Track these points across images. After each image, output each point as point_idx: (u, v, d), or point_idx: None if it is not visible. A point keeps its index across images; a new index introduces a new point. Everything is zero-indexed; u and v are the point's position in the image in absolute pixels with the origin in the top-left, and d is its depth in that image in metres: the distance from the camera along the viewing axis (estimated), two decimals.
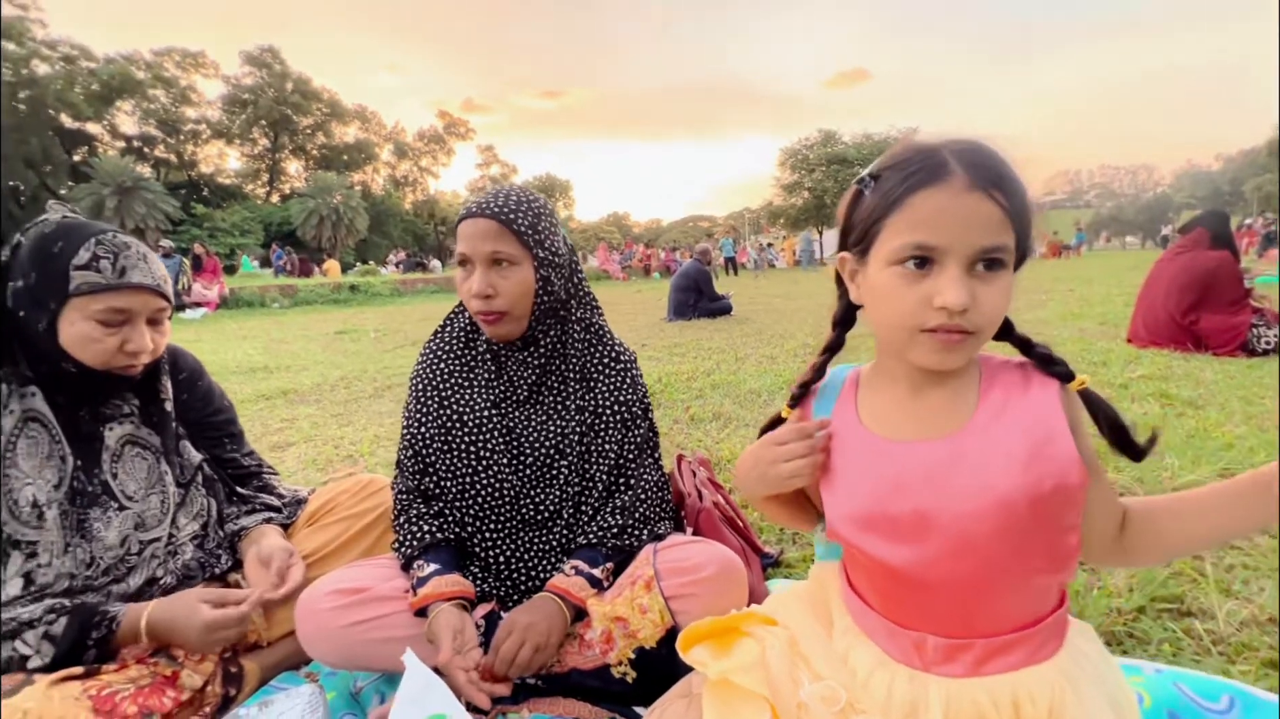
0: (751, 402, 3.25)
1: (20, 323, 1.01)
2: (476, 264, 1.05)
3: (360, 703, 1.07)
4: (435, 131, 52.25)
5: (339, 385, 4.30)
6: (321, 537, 1.30)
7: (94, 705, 0.88)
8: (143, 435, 1.16)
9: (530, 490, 1.13)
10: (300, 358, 5.66)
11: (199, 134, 40.37)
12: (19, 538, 0.97)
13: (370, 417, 3.40)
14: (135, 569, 1.09)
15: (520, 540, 1.13)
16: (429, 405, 1.16)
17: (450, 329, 1.21)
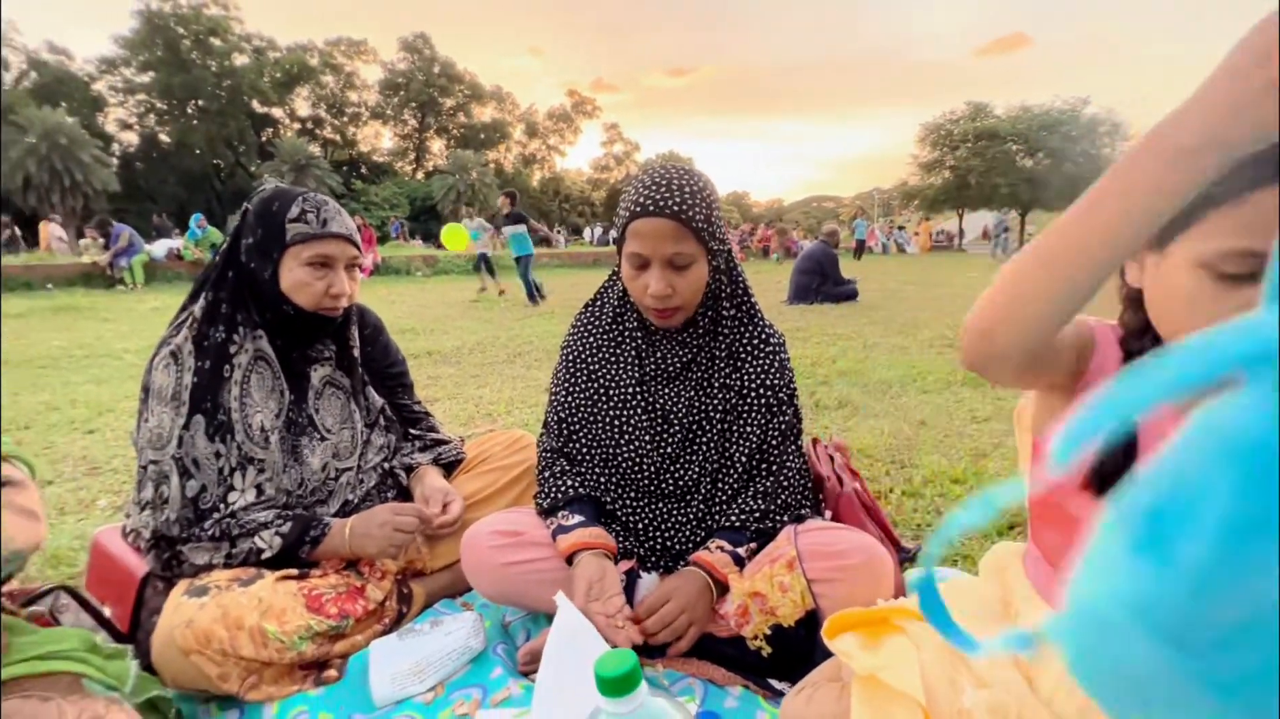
0: (881, 392, 3.10)
1: (251, 274, 1.18)
2: (653, 265, 1.04)
3: (510, 635, 1.18)
4: (564, 110, 53.87)
5: (475, 349, 4.64)
6: (476, 483, 1.42)
7: (306, 602, 1.04)
8: (337, 378, 1.33)
9: (670, 465, 1.15)
10: (441, 322, 6.15)
11: (359, 116, 44.62)
12: (252, 455, 1.15)
13: (504, 380, 3.64)
14: (334, 494, 1.26)
15: (658, 510, 1.17)
16: (577, 377, 1.21)
17: (600, 304, 1.24)
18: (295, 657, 1.00)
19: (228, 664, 0.95)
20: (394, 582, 1.23)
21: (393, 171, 44.58)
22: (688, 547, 1.15)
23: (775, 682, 1.03)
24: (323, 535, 1.15)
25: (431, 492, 1.30)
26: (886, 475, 2.03)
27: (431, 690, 1.01)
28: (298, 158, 31.77)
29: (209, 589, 1.00)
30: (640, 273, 1.06)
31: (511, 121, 50.60)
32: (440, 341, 4.90)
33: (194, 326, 1.15)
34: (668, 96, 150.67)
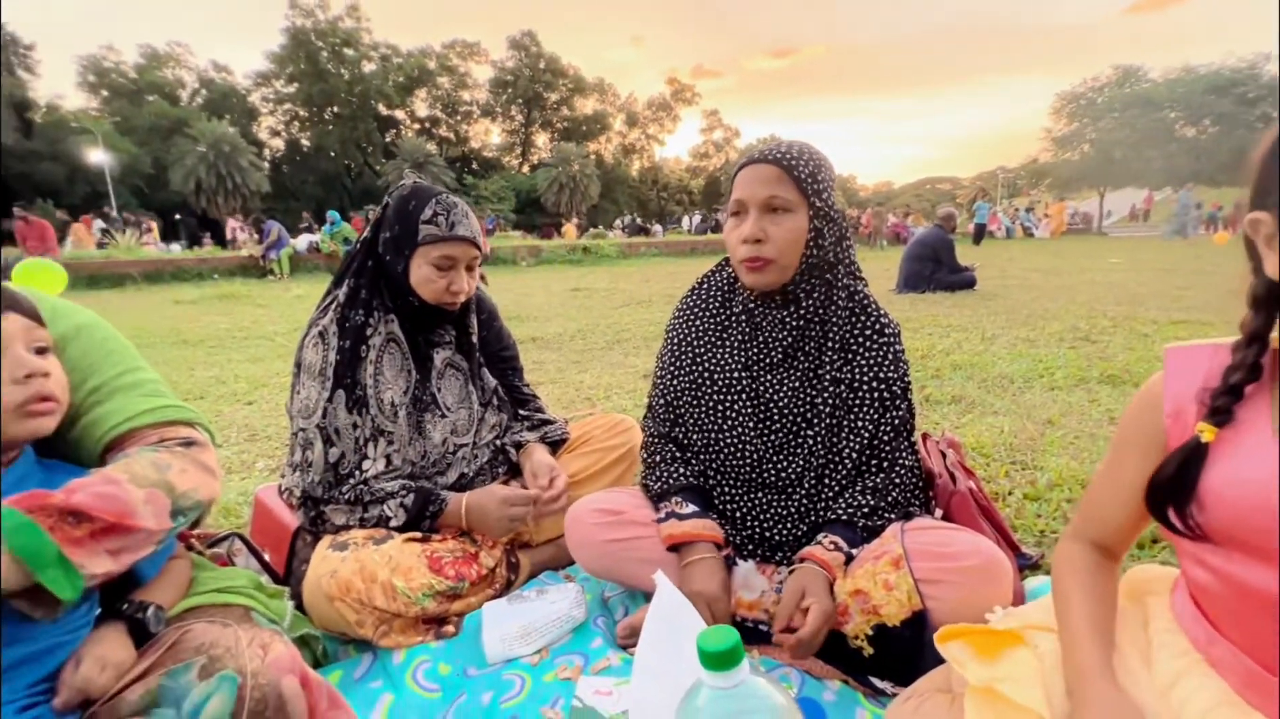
0: (1002, 387, 2.87)
1: (386, 265, 1.30)
2: (751, 209, 1.05)
3: (609, 609, 1.22)
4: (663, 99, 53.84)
5: (576, 336, 4.80)
6: (579, 463, 1.48)
7: (428, 564, 1.15)
8: (457, 360, 1.44)
9: (774, 455, 1.14)
10: (544, 310, 6.41)
11: (471, 114, 47.13)
12: (383, 428, 1.27)
13: (603, 366, 3.74)
14: (452, 466, 1.36)
15: (759, 501, 1.16)
16: (681, 360, 1.21)
17: (706, 286, 1.24)
18: (419, 611, 1.10)
19: (364, 612, 1.06)
20: (504, 551, 1.31)
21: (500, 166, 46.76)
22: (787, 539, 1.14)
23: (877, 680, 1.00)
24: (440, 510, 1.25)
25: (539, 467, 1.38)
26: (1005, 477, 1.89)
27: (537, 653, 1.08)
28: (417, 156, 34.11)
29: (349, 545, 1.12)
30: (738, 223, 1.07)
31: (612, 112, 51.34)
32: (543, 328, 5.11)
33: (337, 310, 1.29)
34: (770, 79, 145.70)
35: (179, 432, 0.86)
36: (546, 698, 0.97)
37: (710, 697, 0.53)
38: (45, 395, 0.74)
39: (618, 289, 8.50)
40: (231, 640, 0.76)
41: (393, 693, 0.99)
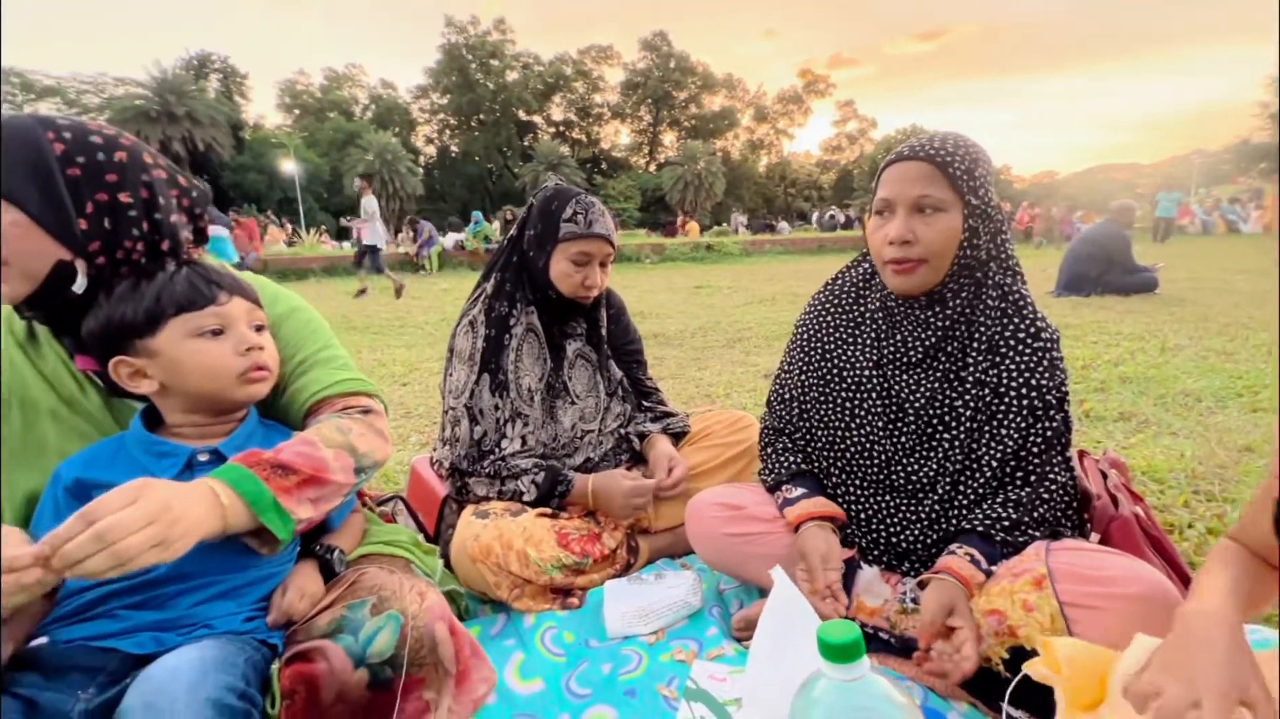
0: (1185, 406, 2.49)
1: (529, 260, 1.41)
2: (899, 208, 1.00)
3: (724, 602, 1.24)
4: (794, 92, 52.23)
5: (697, 333, 4.83)
6: (699, 456, 1.51)
7: (557, 538, 1.23)
8: (586, 351, 1.52)
9: (904, 458, 1.09)
10: (666, 307, 6.51)
11: (602, 116, 48.77)
12: (520, 411, 1.39)
13: (724, 364, 3.74)
14: (579, 450, 1.45)
15: (886, 504, 1.12)
16: (810, 356, 1.19)
17: (841, 282, 1.20)
18: (548, 580, 1.19)
19: (501, 575, 1.17)
20: (624, 534, 1.38)
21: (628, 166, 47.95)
22: (915, 546, 1.09)
23: (1012, 709, 0.93)
24: (568, 490, 1.33)
25: (660, 457, 1.43)
26: (1184, 507, 1.65)
27: (654, 634, 1.12)
28: (551, 159, 35.96)
29: (489, 514, 1.24)
30: (884, 222, 1.02)
31: (740, 108, 50.71)
32: (665, 325, 5.20)
33: (485, 301, 1.42)
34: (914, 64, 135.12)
35: (360, 401, 1.00)
36: (662, 677, 1.01)
37: (829, 688, 0.53)
38: (260, 365, 0.89)
39: (740, 287, 8.41)
40: (396, 585, 0.88)
41: (523, 652, 1.09)
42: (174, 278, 0.83)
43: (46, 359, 0.87)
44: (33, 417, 0.84)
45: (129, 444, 0.84)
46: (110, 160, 0.81)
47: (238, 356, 0.85)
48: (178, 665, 0.64)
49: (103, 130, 0.84)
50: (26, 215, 0.75)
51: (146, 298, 0.81)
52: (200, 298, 0.83)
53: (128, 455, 0.82)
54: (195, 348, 0.83)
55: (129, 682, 0.68)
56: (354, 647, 0.80)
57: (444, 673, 0.87)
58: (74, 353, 0.86)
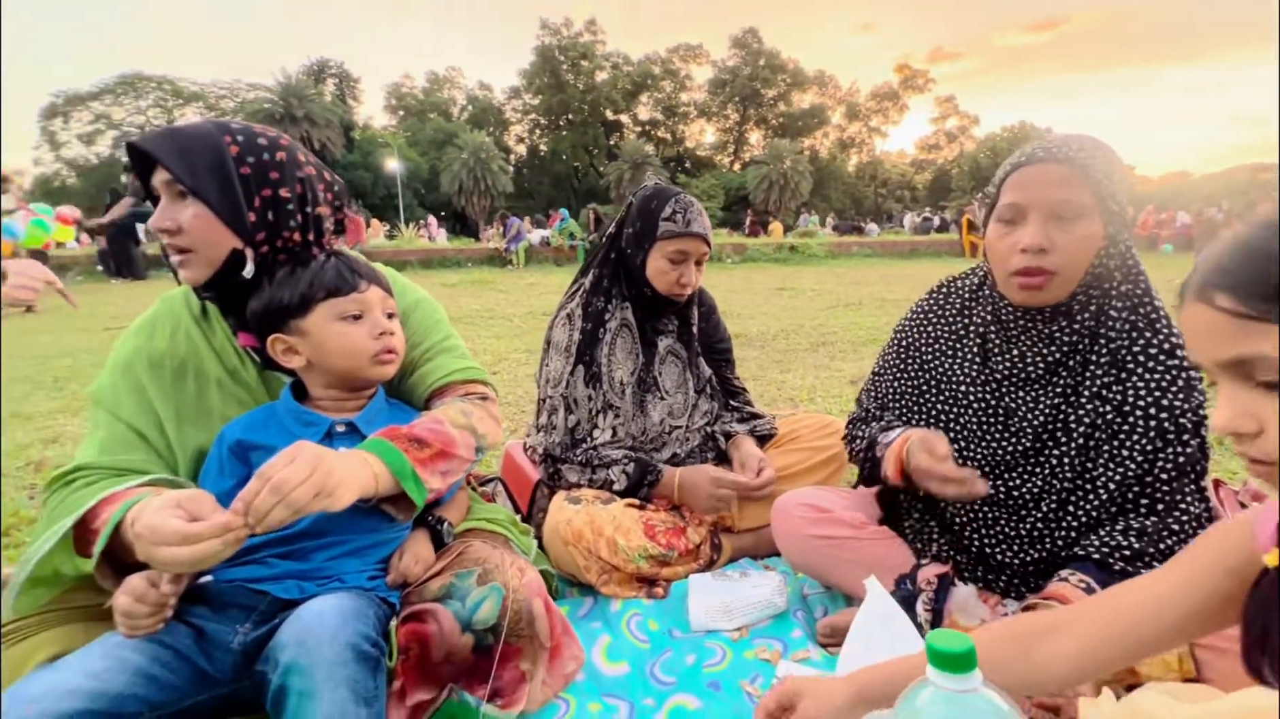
0: None
1: (627, 258, 1.45)
2: (1031, 214, 0.92)
3: (808, 606, 1.23)
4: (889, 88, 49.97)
5: (779, 336, 4.75)
6: (787, 459, 1.50)
7: (644, 529, 1.27)
8: (677, 348, 1.55)
9: (1007, 474, 1.04)
10: (748, 308, 6.43)
11: (688, 115, 48.65)
12: (611, 402, 1.43)
13: (807, 368, 3.66)
14: (666, 445, 1.48)
15: (983, 516, 1.07)
16: (907, 364, 1.16)
17: (948, 290, 1.16)
18: (634, 569, 1.22)
19: (591, 560, 1.22)
20: (709, 530, 1.39)
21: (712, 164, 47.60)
22: (1015, 564, 1.04)
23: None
24: (656, 481, 1.36)
25: (747, 458, 1.43)
26: None
27: (737, 630, 1.13)
28: (636, 157, 36.25)
29: (581, 501, 1.29)
30: (1010, 230, 0.94)
31: (831, 105, 49.10)
32: (746, 326, 5.15)
33: (583, 295, 1.47)
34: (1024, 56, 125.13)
35: (478, 388, 1.07)
36: (746, 673, 1.02)
37: (936, 698, 0.53)
38: (390, 349, 0.98)
39: (825, 290, 8.18)
40: (499, 560, 0.94)
41: (610, 635, 1.12)
42: (324, 266, 0.92)
43: (215, 334, 0.99)
44: (203, 384, 0.96)
45: (280, 412, 0.94)
46: (273, 160, 0.92)
47: (372, 339, 0.94)
48: (323, 610, 0.72)
49: (266, 133, 0.95)
50: (209, 209, 0.86)
51: (301, 283, 0.90)
52: (345, 285, 0.92)
53: (279, 422, 0.93)
54: (338, 329, 0.92)
55: (277, 621, 0.77)
56: (461, 612, 0.86)
57: (539, 646, 0.93)
58: (237, 330, 0.97)
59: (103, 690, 0.66)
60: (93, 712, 0.64)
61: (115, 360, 0.96)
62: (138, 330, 0.99)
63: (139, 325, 0.99)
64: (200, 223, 0.87)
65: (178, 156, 0.84)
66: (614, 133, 46.56)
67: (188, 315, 0.99)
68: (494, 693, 0.87)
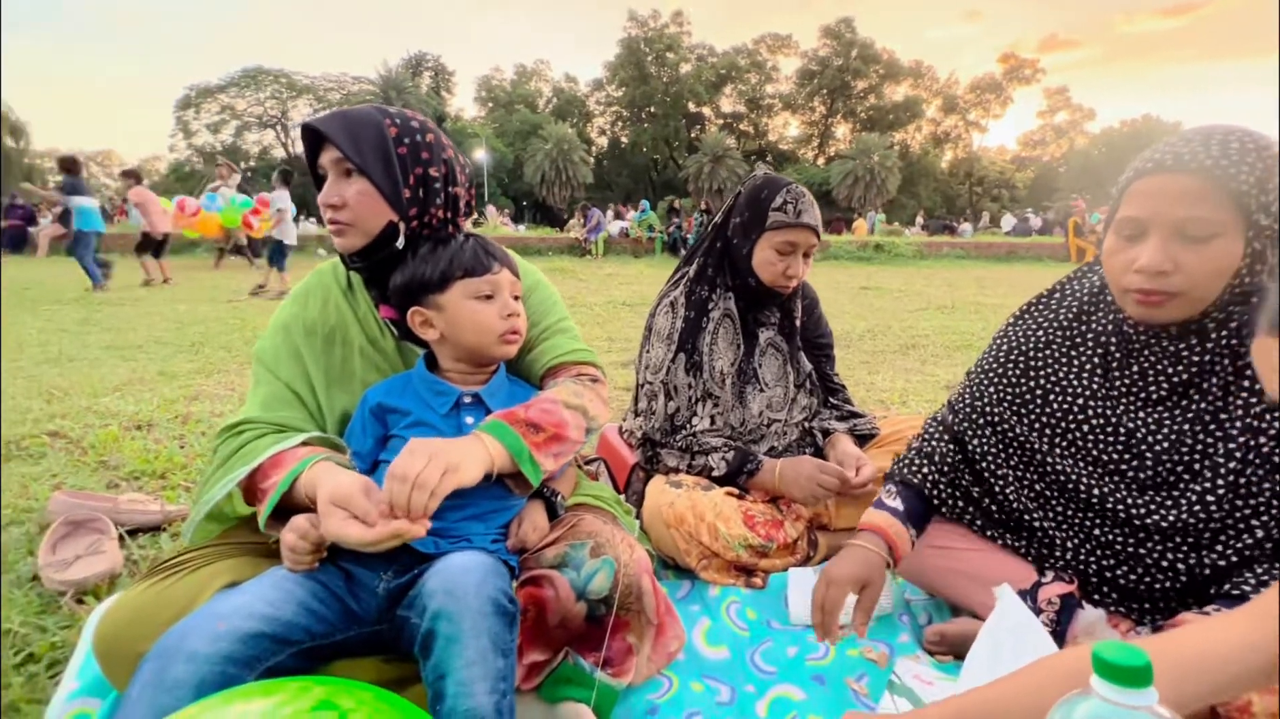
0: None
1: (733, 248, 1.44)
2: (1152, 232, 0.82)
3: (911, 612, 1.19)
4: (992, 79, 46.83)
5: (866, 336, 4.59)
6: (888, 460, 1.44)
7: (743, 518, 1.27)
8: (778, 341, 1.53)
9: (1134, 499, 0.94)
10: (831, 306, 6.19)
11: (772, 107, 47.59)
12: (711, 391, 1.43)
13: (896, 371, 3.52)
14: (764, 438, 1.47)
15: (1103, 537, 0.98)
16: (1008, 371, 1.06)
17: (1060, 295, 1.06)
18: (734, 557, 1.23)
19: (691, 544, 1.23)
20: (805, 526, 1.37)
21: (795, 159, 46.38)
22: (1147, 591, 0.96)
23: None
24: (756, 469, 1.36)
25: (847, 457, 1.40)
26: None
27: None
28: (717, 150, 35.89)
29: (682, 484, 1.30)
30: (1128, 245, 0.85)
31: (926, 98, 46.64)
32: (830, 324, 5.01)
33: (687, 284, 1.48)
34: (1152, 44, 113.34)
35: (589, 370, 1.10)
36: (851, 670, 1.00)
37: (1100, 711, 0.50)
38: (515, 330, 1.02)
39: (913, 291, 7.83)
40: (610, 534, 0.97)
41: (710, 619, 1.14)
42: (463, 246, 0.98)
43: (359, 306, 1.06)
44: (348, 351, 1.04)
45: (414, 380, 1.00)
46: (424, 141, 0.98)
47: (501, 320, 0.98)
48: (467, 565, 0.77)
49: (416, 117, 1.01)
50: (373, 185, 0.93)
51: (442, 260, 0.96)
52: (480, 266, 0.97)
53: (414, 389, 0.99)
54: (471, 307, 0.96)
55: (416, 572, 0.83)
56: (576, 581, 0.90)
57: (646, 622, 0.95)
58: (378, 303, 1.05)
59: (275, 616, 0.73)
60: (267, 634, 0.72)
61: (275, 324, 1.06)
62: (294, 298, 1.08)
63: (296, 293, 1.09)
64: (364, 198, 0.94)
65: (348, 137, 0.91)
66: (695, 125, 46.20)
67: (337, 287, 1.07)
68: (604, 662, 0.90)
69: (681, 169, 38.94)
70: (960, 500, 1.11)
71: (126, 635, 0.77)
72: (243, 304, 5.77)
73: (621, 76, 44.43)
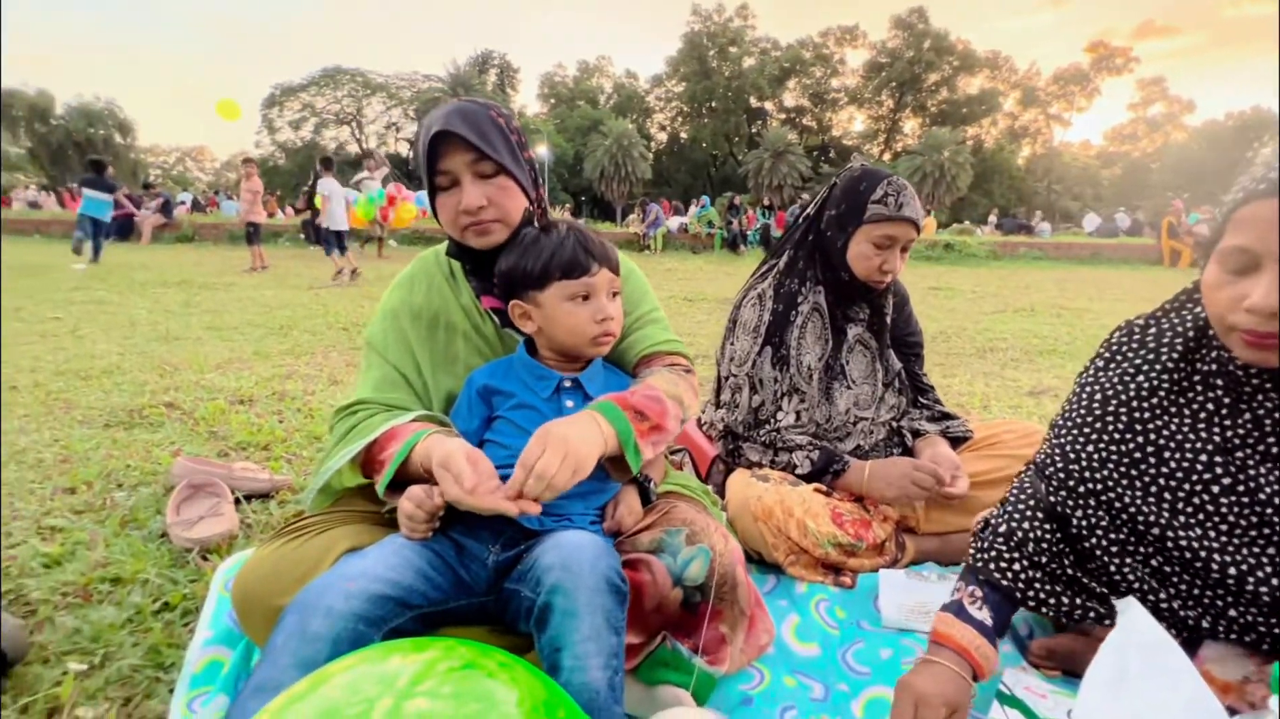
0: None
1: (826, 241, 1.41)
2: (1266, 267, 0.71)
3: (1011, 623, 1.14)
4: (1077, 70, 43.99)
5: (939, 338, 4.42)
6: (984, 464, 1.40)
7: (831, 516, 1.24)
8: (866, 338, 1.49)
9: (1238, 559, 0.83)
10: None
11: (837, 101, 46.29)
12: (797, 386, 1.41)
13: (974, 374, 3.37)
14: (851, 436, 1.43)
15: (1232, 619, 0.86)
16: (1110, 430, 0.90)
17: (1157, 331, 0.91)
18: (822, 554, 1.21)
19: (779, 539, 1.22)
20: (893, 528, 1.33)
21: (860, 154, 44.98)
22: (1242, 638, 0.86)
23: None
24: (843, 470, 1.33)
25: (942, 460, 1.35)
26: None
27: None
28: (778, 145, 35.21)
29: (769, 479, 1.29)
30: (1236, 279, 0.73)
31: (1003, 90, 44.29)
32: None
33: (775, 276, 1.46)
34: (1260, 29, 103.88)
35: (680, 360, 1.11)
36: None
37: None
38: (609, 333, 1.00)
39: (987, 293, 7.48)
40: (705, 523, 0.97)
41: (798, 615, 1.12)
42: (563, 242, 0.96)
43: (462, 293, 1.10)
44: (451, 335, 1.08)
45: (516, 365, 1.03)
46: (518, 126, 1.01)
47: (594, 324, 0.97)
48: (581, 542, 0.79)
49: (496, 105, 1.03)
50: (512, 179, 0.96)
51: (543, 255, 0.96)
52: (578, 267, 0.95)
53: (516, 373, 1.02)
54: (567, 309, 0.96)
55: (522, 547, 0.86)
56: (673, 566, 0.90)
57: (739, 612, 0.94)
58: (479, 292, 1.08)
59: (397, 581, 0.77)
60: (390, 597, 0.75)
61: (384, 309, 1.10)
62: (400, 284, 1.12)
63: (402, 279, 1.13)
64: (506, 193, 0.96)
65: (481, 138, 0.93)
66: (757, 120, 45.48)
67: (440, 274, 1.11)
68: (700, 649, 0.91)
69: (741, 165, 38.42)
70: (1064, 597, 0.93)
71: (261, 591, 0.83)
72: (323, 291, 6.08)
73: (683, 72, 44.17)
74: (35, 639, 1.01)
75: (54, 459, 1.73)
